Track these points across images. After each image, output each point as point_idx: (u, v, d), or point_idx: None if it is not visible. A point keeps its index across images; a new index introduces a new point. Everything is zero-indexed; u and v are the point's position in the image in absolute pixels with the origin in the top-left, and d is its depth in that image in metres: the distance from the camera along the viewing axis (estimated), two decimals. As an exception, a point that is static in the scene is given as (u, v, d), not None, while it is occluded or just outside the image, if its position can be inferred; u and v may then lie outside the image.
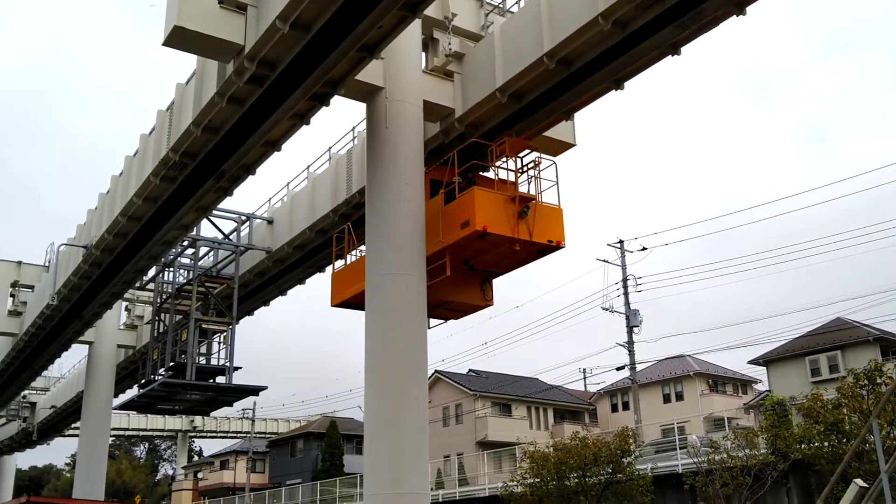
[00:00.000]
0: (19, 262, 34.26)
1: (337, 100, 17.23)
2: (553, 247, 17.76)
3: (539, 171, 17.85)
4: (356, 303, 19.75)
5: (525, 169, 17.97)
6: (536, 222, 17.30)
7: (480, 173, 18.23)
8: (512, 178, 17.77)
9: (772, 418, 24.09)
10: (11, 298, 34.43)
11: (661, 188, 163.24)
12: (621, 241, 43.82)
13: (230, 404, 31.34)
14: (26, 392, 51.75)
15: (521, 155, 18.22)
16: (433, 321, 19.49)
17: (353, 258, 20.66)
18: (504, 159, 17.80)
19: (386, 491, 15.68)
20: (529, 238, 17.18)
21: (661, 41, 15.55)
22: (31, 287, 33.94)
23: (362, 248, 19.46)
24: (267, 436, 77.90)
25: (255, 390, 28.75)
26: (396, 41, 16.08)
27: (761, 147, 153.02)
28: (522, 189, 17.72)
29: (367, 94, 17.79)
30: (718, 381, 59.65)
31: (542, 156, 18.24)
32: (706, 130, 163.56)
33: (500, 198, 17.10)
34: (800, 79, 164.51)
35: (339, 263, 21.15)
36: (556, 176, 17.94)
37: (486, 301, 19.44)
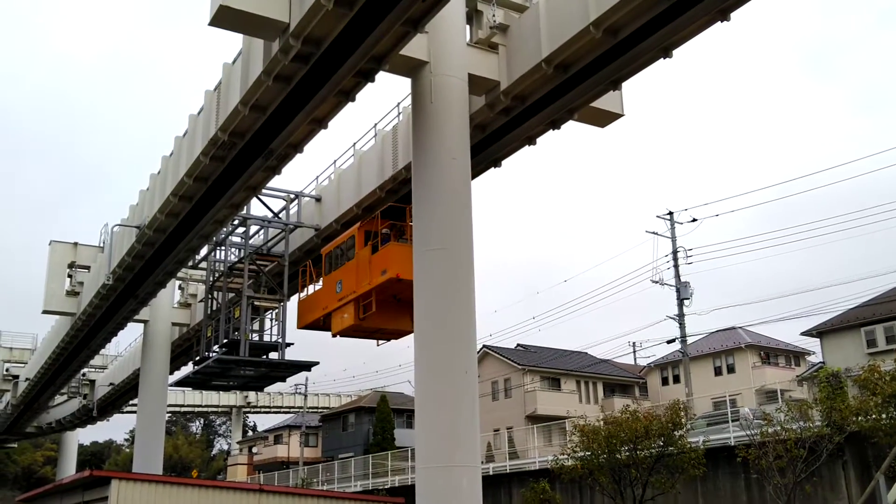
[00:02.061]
0: (75, 244, 34.95)
1: (382, 76, 17.22)
2: None
3: None
4: (319, 326, 25.75)
5: None
6: None
7: (410, 222, 21.12)
8: None
9: (827, 390, 23.69)
10: (69, 279, 35.14)
11: (712, 159, 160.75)
12: (671, 213, 43.25)
13: (283, 380, 31.86)
14: (85, 370, 53.02)
15: None
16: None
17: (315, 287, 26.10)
18: None
19: (438, 464, 15.81)
20: None
21: (709, 7, 15.23)
22: (88, 268, 34.64)
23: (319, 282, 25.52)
24: (319, 410, 78.96)
25: (306, 366, 29.15)
26: (440, 14, 15.99)
27: (815, 116, 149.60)
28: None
29: (412, 69, 17.75)
30: (770, 354, 58.75)
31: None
32: (758, 100, 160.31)
33: (412, 250, 19.87)
34: (856, 48, 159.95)
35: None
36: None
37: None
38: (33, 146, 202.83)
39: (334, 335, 25.22)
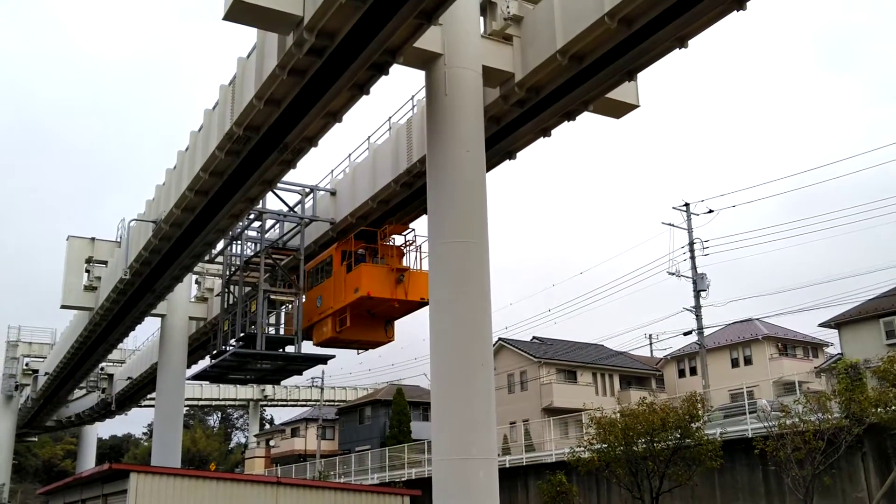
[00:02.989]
0: (93, 239, 35.10)
1: (396, 68, 17.21)
2: (426, 302, 22.26)
3: (418, 246, 24.36)
4: (303, 336, 27.50)
5: (405, 245, 24.63)
6: (410, 286, 23.97)
7: (383, 242, 24.39)
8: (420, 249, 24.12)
9: (845, 381, 23.54)
10: (87, 274, 35.31)
11: (728, 150, 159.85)
12: (687, 204, 43.02)
13: (300, 373, 31.96)
14: (104, 364, 53.38)
15: (404, 233, 24.69)
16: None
17: None
18: (392, 239, 24.54)
19: (454, 456, 15.82)
20: (405, 297, 23.93)
21: (724, -4, 15.11)
22: (105, 262, 34.83)
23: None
24: (336, 404, 79.24)
25: (323, 359, 29.26)
26: (454, 6, 15.95)
27: (832, 106, 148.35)
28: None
29: (426, 61, 17.72)
30: (788, 345, 58.42)
31: (418, 235, 24.33)
32: (775, 90, 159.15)
33: (383, 269, 23.91)
34: (874, 38, 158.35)
35: None
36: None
37: (388, 337, 26.37)
38: (58, 144, 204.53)
39: (315, 345, 27.35)
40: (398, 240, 24.87)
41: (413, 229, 24.86)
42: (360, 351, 27.79)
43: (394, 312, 25.50)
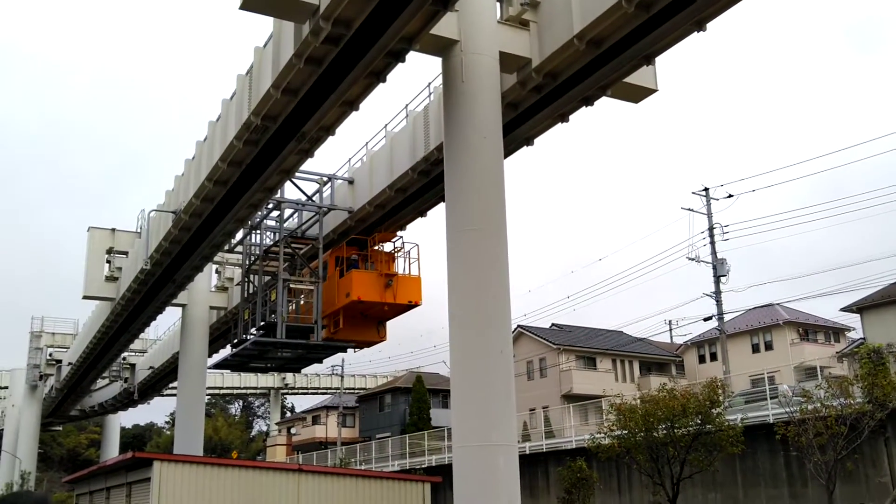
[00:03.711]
0: (113, 230, 35.35)
1: (412, 56, 17.16)
2: (413, 305, 26.24)
3: (406, 252, 26.51)
4: None
5: (394, 251, 26.60)
6: (399, 289, 25.84)
7: (374, 248, 26.31)
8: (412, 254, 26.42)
9: (868, 366, 23.31)
10: (108, 265, 35.59)
11: (748, 134, 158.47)
12: (706, 189, 42.76)
13: (320, 361, 32.12)
14: (126, 354, 53.84)
15: (393, 240, 26.72)
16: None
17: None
18: (380, 245, 26.44)
19: (474, 443, 15.86)
20: (394, 301, 25.79)
21: (745, -22, 14.94)
22: (126, 253, 35.07)
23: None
24: (356, 391, 79.61)
25: (343, 347, 29.36)
26: (471, -7, 15.86)
27: (859, 89, 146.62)
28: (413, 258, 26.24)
29: (443, 48, 17.66)
30: (809, 330, 58.00)
31: (406, 241, 26.37)
32: (797, 73, 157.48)
33: (373, 275, 25.70)
34: None
35: None
36: (419, 254, 26.63)
37: (380, 337, 28.04)
38: (81, 136, 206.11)
39: None
40: (388, 247, 26.90)
41: (401, 237, 26.91)
42: (357, 350, 30.12)
43: (384, 314, 27.24)
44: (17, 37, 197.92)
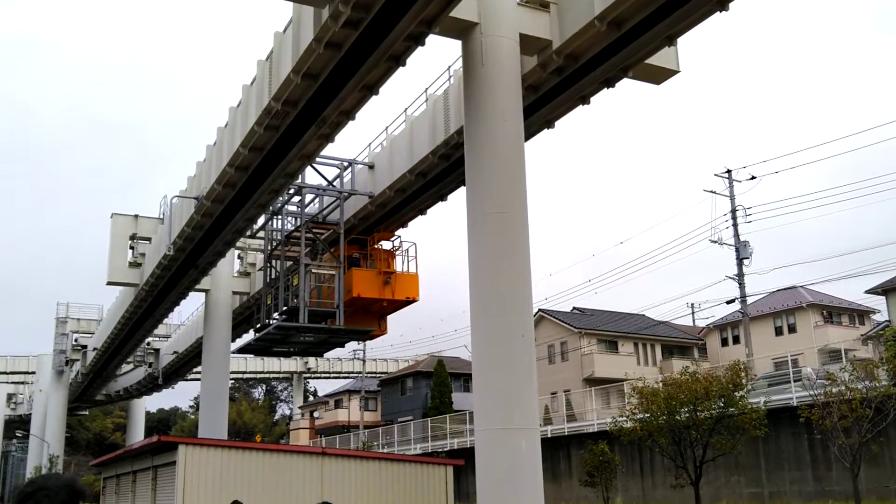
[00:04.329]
0: (136, 216, 35.56)
1: (432, 39, 17.08)
2: (411, 301, 27.90)
3: (405, 250, 28.01)
4: None
5: (393, 249, 28.11)
6: (397, 286, 27.50)
7: (376, 246, 27.93)
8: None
9: (893, 349, 23.10)
10: (131, 251, 35.83)
11: (772, 115, 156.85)
12: (729, 171, 42.41)
13: (342, 345, 32.28)
14: (150, 339, 54.35)
15: (392, 239, 28.30)
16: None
17: None
18: (380, 243, 28.03)
19: (496, 427, 15.88)
20: (392, 297, 27.44)
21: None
22: (149, 239, 35.30)
23: None
24: (378, 375, 79.97)
25: (364, 331, 29.51)
26: (490, -25, 15.73)
27: (879, 72, 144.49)
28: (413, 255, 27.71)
29: (463, 31, 17.56)
30: (833, 312, 57.52)
31: (405, 241, 28.04)
32: (821, 55, 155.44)
33: (372, 273, 27.32)
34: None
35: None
36: (416, 253, 28.11)
37: (382, 330, 29.72)
38: (104, 123, 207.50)
39: None
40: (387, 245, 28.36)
41: (399, 236, 28.50)
42: (360, 342, 33.08)
43: (384, 309, 28.92)
44: (39, 27, 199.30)
